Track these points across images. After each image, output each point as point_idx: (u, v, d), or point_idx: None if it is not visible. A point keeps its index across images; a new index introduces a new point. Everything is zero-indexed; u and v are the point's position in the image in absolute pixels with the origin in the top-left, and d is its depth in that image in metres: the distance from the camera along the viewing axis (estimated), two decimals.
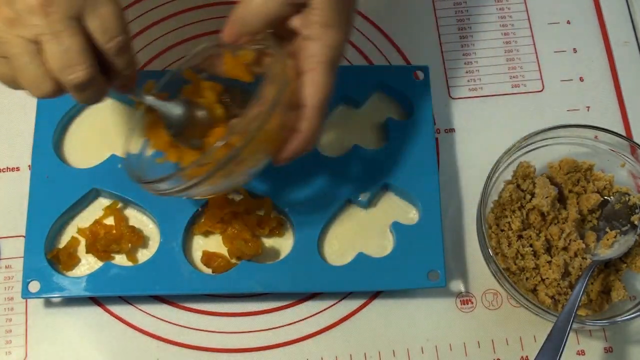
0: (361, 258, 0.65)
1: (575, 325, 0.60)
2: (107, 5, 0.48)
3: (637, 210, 0.67)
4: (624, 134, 0.73)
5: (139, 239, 0.65)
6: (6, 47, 0.47)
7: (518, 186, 0.67)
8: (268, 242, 0.67)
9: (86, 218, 0.67)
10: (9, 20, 0.46)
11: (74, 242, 0.66)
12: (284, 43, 0.55)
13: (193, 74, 0.59)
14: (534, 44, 0.77)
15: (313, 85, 0.53)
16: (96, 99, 0.51)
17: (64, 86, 0.49)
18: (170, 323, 0.66)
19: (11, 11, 0.46)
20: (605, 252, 0.66)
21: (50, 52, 0.47)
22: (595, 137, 0.68)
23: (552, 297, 0.64)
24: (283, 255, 0.66)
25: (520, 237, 0.66)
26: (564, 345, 0.58)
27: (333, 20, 0.52)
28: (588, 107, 0.75)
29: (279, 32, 0.55)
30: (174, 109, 0.56)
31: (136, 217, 0.67)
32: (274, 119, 0.51)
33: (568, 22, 0.78)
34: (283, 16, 0.54)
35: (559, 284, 0.64)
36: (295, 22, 0.54)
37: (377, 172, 0.67)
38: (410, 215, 0.68)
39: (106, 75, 0.50)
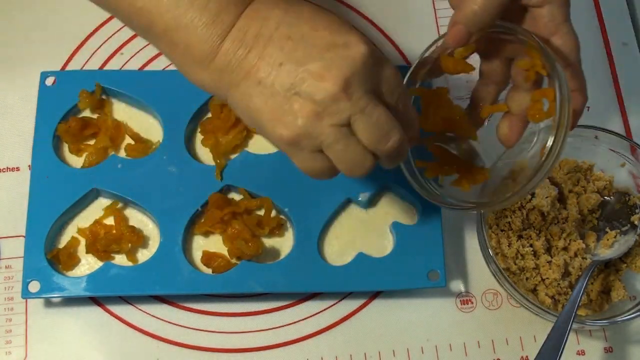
0: (361, 258, 0.65)
1: (575, 325, 0.60)
2: (389, 70, 0.49)
3: (637, 210, 0.67)
4: (624, 134, 0.73)
5: (139, 239, 0.65)
6: (320, 140, 0.48)
7: None
8: (268, 242, 0.67)
9: (86, 218, 0.67)
10: (316, 114, 0.47)
11: (74, 242, 0.66)
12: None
13: (421, 90, 0.61)
14: None
15: (567, 44, 0.54)
16: (404, 156, 0.52)
17: (379, 157, 0.50)
18: (170, 323, 0.66)
19: (315, 105, 0.46)
20: (605, 252, 0.66)
21: (363, 129, 0.48)
22: (595, 137, 0.68)
23: (552, 297, 0.64)
24: (283, 255, 0.66)
25: (520, 237, 0.66)
26: (564, 345, 0.58)
27: None
28: (588, 107, 0.74)
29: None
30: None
31: (136, 217, 0.67)
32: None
33: None
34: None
35: (559, 284, 0.64)
36: None
37: (377, 172, 0.67)
38: (410, 215, 0.68)
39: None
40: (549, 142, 0.53)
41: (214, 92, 0.51)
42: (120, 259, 0.65)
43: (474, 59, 0.58)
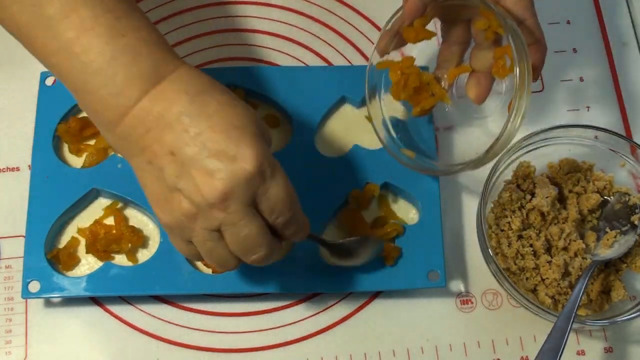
0: None
1: (575, 325, 0.60)
2: (276, 189, 0.50)
3: (637, 210, 0.67)
4: (624, 134, 0.73)
5: (139, 239, 0.65)
6: (192, 235, 0.51)
7: (518, 186, 0.67)
8: None
9: (86, 218, 0.67)
10: (192, 215, 0.49)
11: (74, 242, 0.66)
12: None
13: (388, 63, 0.64)
14: None
15: (519, 2, 0.57)
16: (275, 260, 0.55)
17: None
18: (170, 323, 0.66)
19: (192, 206, 0.49)
20: (605, 252, 0.66)
21: (230, 241, 0.51)
22: (595, 137, 0.68)
23: (552, 297, 0.64)
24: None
25: (520, 237, 0.66)
26: (564, 345, 0.58)
27: None
28: (588, 107, 0.75)
29: None
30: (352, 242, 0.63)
31: (136, 217, 0.67)
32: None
33: (568, 22, 0.78)
34: None
35: (559, 284, 0.64)
36: None
37: (377, 172, 0.67)
38: (410, 215, 0.68)
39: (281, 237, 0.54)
40: (513, 98, 0.57)
41: (117, 152, 0.54)
42: (120, 259, 0.65)
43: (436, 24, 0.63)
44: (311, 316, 0.66)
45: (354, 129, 0.70)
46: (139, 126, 0.49)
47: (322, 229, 0.66)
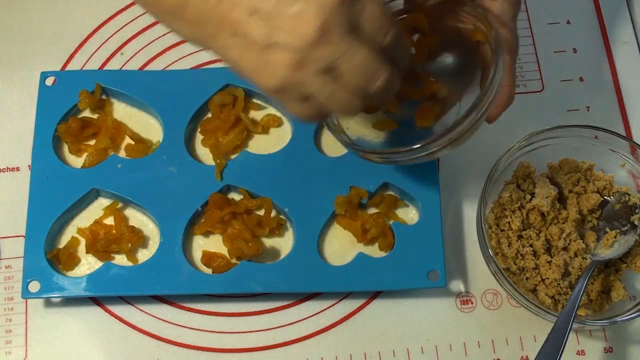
0: (361, 258, 0.65)
1: (575, 325, 0.60)
2: (370, 5, 0.46)
3: (637, 210, 0.67)
4: (624, 134, 0.73)
5: (139, 239, 0.65)
6: (305, 87, 0.47)
7: (518, 186, 0.67)
8: (268, 242, 0.67)
9: (86, 218, 0.67)
10: (297, 63, 0.46)
11: (74, 242, 0.66)
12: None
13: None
14: (534, 44, 0.77)
15: (505, 42, 0.55)
16: (394, 91, 0.50)
17: (370, 96, 0.49)
18: (170, 323, 0.66)
19: (296, 55, 0.45)
20: (605, 252, 0.66)
21: (348, 73, 0.46)
22: (595, 137, 0.68)
23: (552, 297, 0.64)
24: (283, 255, 0.66)
25: (520, 237, 0.66)
26: (564, 345, 0.58)
27: None
28: (588, 107, 0.75)
29: None
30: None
31: (136, 217, 0.67)
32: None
33: (568, 22, 0.78)
34: None
35: (559, 284, 0.64)
36: None
37: (377, 172, 0.67)
38: (410, 215, 0.68)
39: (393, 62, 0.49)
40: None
41: (195, 44, 0.50)
42: (120, 259, 0.65)
43: None
44: (311, 316, 0.66)
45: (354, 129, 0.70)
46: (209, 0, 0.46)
47: (322, 228, 0.66)
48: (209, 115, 0.70)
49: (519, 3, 0.57)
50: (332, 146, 0.69)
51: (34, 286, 0.63)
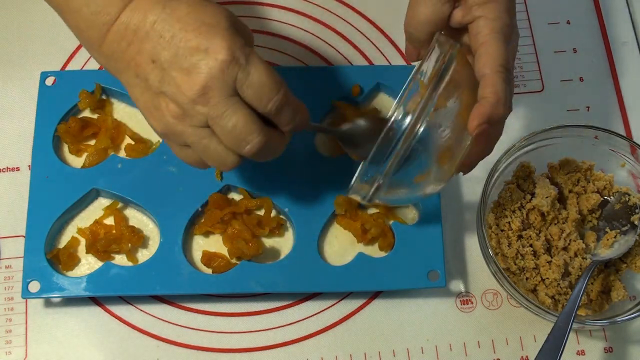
0: (361, 258, 0.65)
1: (575, 325, 0.60)
2: (256, 72, 0.50)
3: (637, 210, 0.67)
4: (624, 134, 0.73)
5: (139, 239, 0.65)
6: (184, 137, 0.51)
7: (518, 186, 0.67)
8: (268, 242, 0.67)
9: (86, 218, 0.67)
10: (179, 116, 0.50)
11: (74, 242, 0.66)
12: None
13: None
14: (534, 44, 0.77)
15: (486, 55, 0.54)
16: (279, 152, 0.55)
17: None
18: (170, 323, 0.66)
19: (177, 107, 0.50)
20: (605, 252, 0.66)
21: (220, 133, 0.50)
22: (595, 137, 0.68)
23: (552, 297, 0.64)
24: (283, 255, 0.66)
25: (520, 237, 0.66)
26: (564, 345, 0.58)
27: None
28: (588, 107, 0.75)
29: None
30: (356, 126, 0.60)
31: (136, 217, 0.67)
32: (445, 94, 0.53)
33: (568, 22, 0.78)
34: (446, 15, 0.56)
35: (559, 284, 0.64)
36: (456, 16, 0.56)
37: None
38: (410, 215, 0.68)
39: (280, 127, 0.53)
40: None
41: (109, 72, 0.55)
42: (120, 259, 0.65)
43: None
44: (311, 316, 0.66)
45: None
46: (121, 41, 0.51)
47: (322, 228, 0.66)
48: None
49: (500, 16, 0.55)
50: (332, 146, 0.69)
51: (34, 286, 0.63)
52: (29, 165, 0.68)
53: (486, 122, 0.53)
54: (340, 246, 0.66)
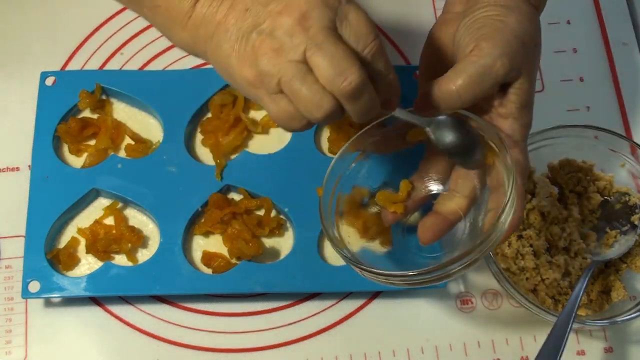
0: None
1: (575, 325, 0.60)
2: (355, 13, 0.48)
3: (637, 210, 0.67)
4: (624, 134, 0.73)
5: (139, 239, 0.65)
6: (279, 76, 0.47)
7: None
8: (268, 242, 0.67)
9: (86, 218, 0.67)
10: (275, 50, 0.47)
11: (74, 242, 0.66)
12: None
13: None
14: None
15: (517, 164, 0.53)
16: (371, 108, 0.49)
17: (339, 99, 0.48)
18: (170, 323, 0.66)
19: (273, 41, 0.47)
20: (605, 252, 0.66)
21: (317, 65, 0.47)
22: (595, 137, 0.68)
23: (552, 297, 0.64)
24: (283, 255, 0.66)
25: (520, 237, 0.66)
26: (564, 345, 0.58)
27: (528, 101, 0.54)
28: (588, 107, 0.75)
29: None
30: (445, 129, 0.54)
31: (136, 217, 0.67)
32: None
33: (568, 22, 0.78)
34: (491, 95, 0.53)
35: (559, 284, 0.64)
36: (493, 99, 0.54)
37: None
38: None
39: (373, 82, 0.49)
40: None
41: (193, 51, 0.53)
42: (120, 259, 0.65)
43: None
44: (311, 316, 0.66)
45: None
46: (213, 2, 0.49)
47: (321, 229, 0.66)
48: (209, 115, 0.70)
49: (529, 124, 0.55)
50: (332, 146, 0.69)
51: (34, 286, 0.63)
52: (29, 165, 0.68)
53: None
54: None
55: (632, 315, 0.62)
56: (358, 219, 0.59)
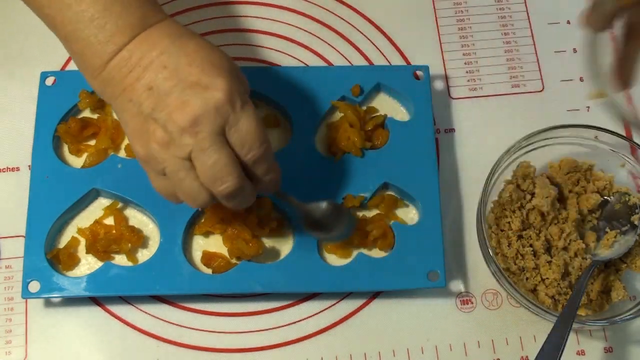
0: (361, 258, 0.65)
1: (575, 325, 0.60)
2: (246, 120, 0.52)
3: (637, 210, 0.67)
4: (624, 134, 0.73)
5: (139, 239, 0.65)
6: (164, 165, 0.52)
7: (518, 186, 0.67)
8: (268, 242, 0.67)
9: (86, 218, 0.67)
10: (165, 143, 0.51)
11: (74, 242, 0.66)
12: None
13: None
14: (534, 44, 0.77)
15: None
16: (246, 203, 0.56)
17: (217, 197, 0.54)
18: (170, 323, 0.66)
19: (165, 134, 0.51)
20: (605, 252, 0.66)
21: (200, 167, 0.52)
22: (595, 137, 0.68)
23: (552, 297, 0.64)
24: (283, 255, 0.66)
25: (520, 237, 0.66)
26: (564, 345, 0.58)
27: None
28: (588, 107, 0.75)
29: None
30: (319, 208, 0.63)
31: (136, 217, 0.67)
32: None
33: (568, 22, 0.78)
34: None
35: (559, 284, 0.64)
36: None
37: (377, 172, 0.67)
38: (410, 215, 0.68)
39: (252, 180, 0.55)
40: None
41: (98, 92, 0.56)
42: (120, 259, 0.65)
43: None
44: (311, 316, 0.66)
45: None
46: (123, 68, 0.52)
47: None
48: None
49: None
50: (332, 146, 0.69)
51: (34, 286, 0.63)
52: (29, 165, 0.68)
53: None
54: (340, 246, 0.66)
55: (632, 315, 0.62)
56: None
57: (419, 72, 0.70)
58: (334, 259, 0.66)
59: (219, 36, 0.75)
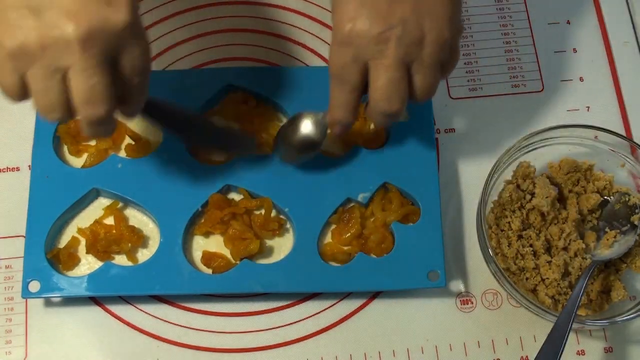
0: (361, 258, 0.65)
1: (575, 325, 0.60)
2: (138, 46, 0.48)
3: (637, 210, 0.67)
4: (624, 134, 0.73)
5: (139, 239, 0.65)
6: (30, 68, 0.47)
7: (518, 186, 0.67)
8: (268, 242, 0.67)
9: (86, 218, 0.67)
10: (43, 45, 0.46)
11: (74, 242, 0.66)
12: None
13: None
14: (534, 44, 0.77)
15: None
16: (105, 135, 0.53)
17: (75, 115, 0.49)
18: (170, 323, 0.66)
19: (49, 37, 0.45)
20: (605, 252, 0.66)
21: (76, 85, 0.47)
22: (595, 137, 0.68)
23: (552, 297, 0.64)
24: (283, 255, 0.66)
25: (520, 237, 0.66)
26: (564, 345, 0.58)
27: None
28: (588, 107, 0.75)
29: None
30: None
31: (136, 217, 0.67)
32: None
33: (568, 22, 0.78)
34: None
35: (559, 284, 0.64)
36: None
37: (377, 172, 0.67)
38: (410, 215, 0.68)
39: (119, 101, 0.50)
40: None
41: None
42: (120, 259, 0.65)
43: None
44: (311, 316, 0.66)
45: (354, 129, 0.70)
46: None
47: (321, 228, 0.66)
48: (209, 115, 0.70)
49: None
50: (332, 146, 0.69)
51: (34, 286, 0.63)
52: (29, 165, 0.68)
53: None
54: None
55: (632, 315, 0.62)
56: None
57: None
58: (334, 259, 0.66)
59: (219, 36, 0.75)
